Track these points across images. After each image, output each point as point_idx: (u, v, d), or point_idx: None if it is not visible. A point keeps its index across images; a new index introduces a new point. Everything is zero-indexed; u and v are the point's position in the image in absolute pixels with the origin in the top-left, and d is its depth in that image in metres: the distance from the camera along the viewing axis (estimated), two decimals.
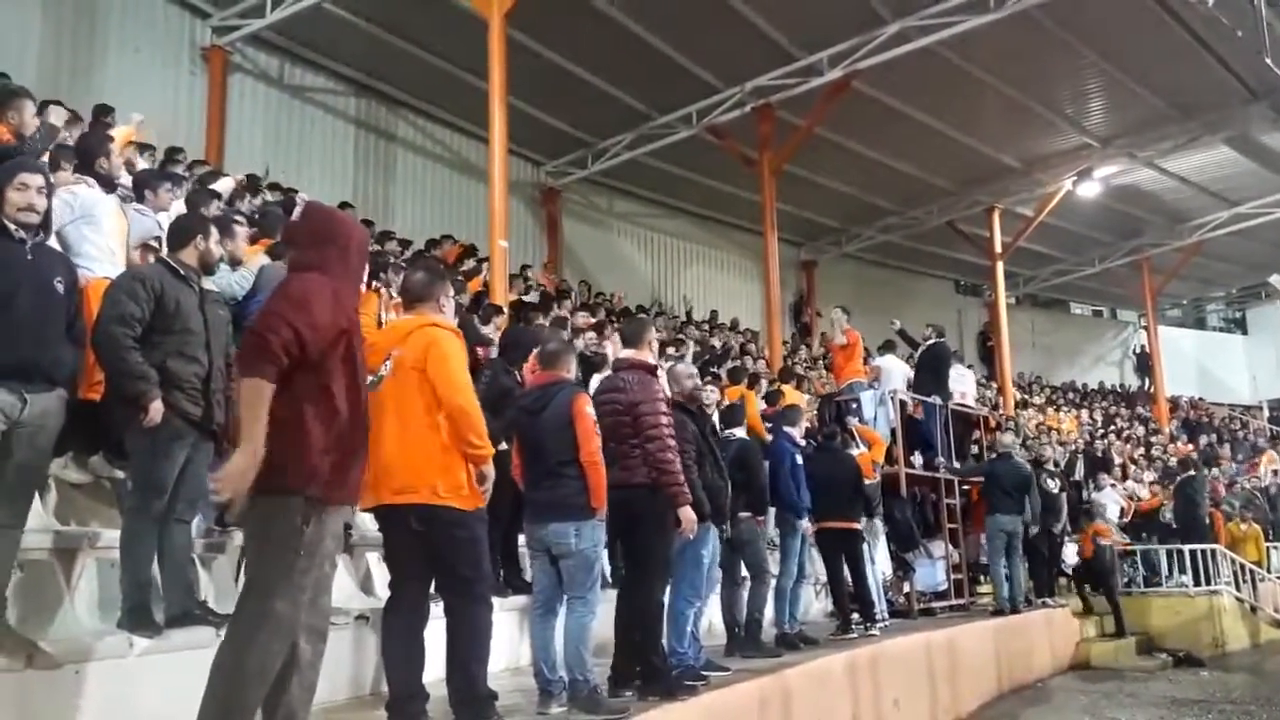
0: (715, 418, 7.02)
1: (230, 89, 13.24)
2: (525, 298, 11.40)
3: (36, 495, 4.09)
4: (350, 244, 3.12)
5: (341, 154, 14.88)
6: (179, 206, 6.09)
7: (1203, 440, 21.91)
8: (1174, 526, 13.13)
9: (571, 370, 4.73)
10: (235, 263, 5.19)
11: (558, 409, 4.45)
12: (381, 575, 5.77)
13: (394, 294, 6.48)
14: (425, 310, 3.95)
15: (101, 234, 4.74)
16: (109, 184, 4.98)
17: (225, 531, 4.93)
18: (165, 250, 4.29)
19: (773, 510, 7.28)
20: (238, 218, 5.59)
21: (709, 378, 9.00)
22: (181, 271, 4.08)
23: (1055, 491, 11.01)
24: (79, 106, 8.68)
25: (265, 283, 5.12)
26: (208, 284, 4.25)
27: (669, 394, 5.41)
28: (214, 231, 4.22)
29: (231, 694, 2.73)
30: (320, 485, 2.84)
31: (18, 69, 9.72)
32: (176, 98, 12.65)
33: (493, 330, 7.73)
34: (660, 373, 5.31)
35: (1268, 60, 12.91)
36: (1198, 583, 11.94)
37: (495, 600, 5.14)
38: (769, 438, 7.87)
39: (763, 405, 9.17)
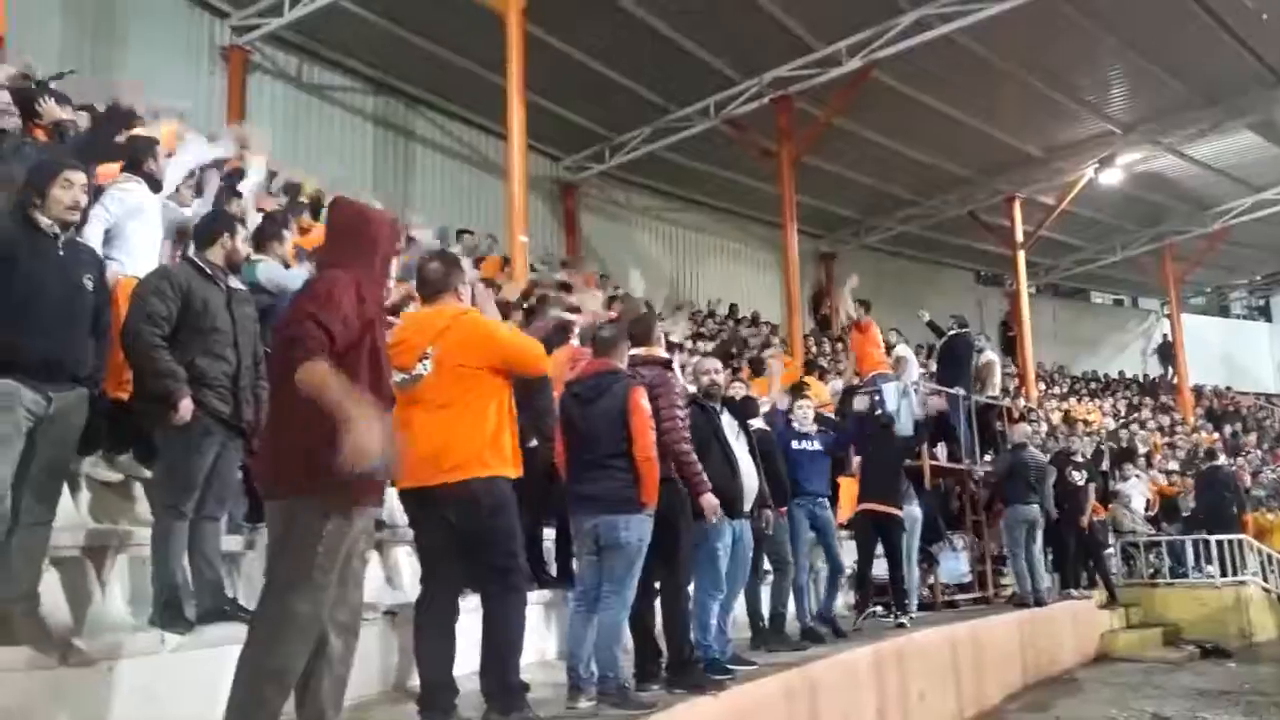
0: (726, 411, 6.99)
1: (250, 88, 13.34)
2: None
3: (68, 493, 4.15)
4: (378, 238, 3.12)
5: (360, 151, 14.96)
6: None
7: (1228, 429, 21.70)
8: (1199, 517, 13.00)
9: (625, 359, 4.70)
10: (286, 266, 5.27)
11: (614, 400, 4.42)
12: (410, 570, 5.81)
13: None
14: (447, 300, 3.95)
15: (146, 234, 4.79)
16: (156, 185, 5.02)
17: (254, 529, 4.97)
18: (192, 249, 4.32)
19: None
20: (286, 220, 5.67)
21: (729, 369, 8.97)
22: (208, 270, 4.10)
23: (1081, 483, 10.92)
24: (98, 107, 8.73)
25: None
26: (234, 282, 4.27)
27: (688, 390, 5.44)
28: (240, 230, 4.24)
29: (253, 695, 2.74)
30: (346, 489, 2.81)
31: (40, 72, 9.78)
32: (196, 97, 12.68)
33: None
34: (676, 367, 5.31)
35: None
36: (1224, 573, 11.83)
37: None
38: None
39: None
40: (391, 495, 4.42)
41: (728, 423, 5.74)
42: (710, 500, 4.81)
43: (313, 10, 12.51)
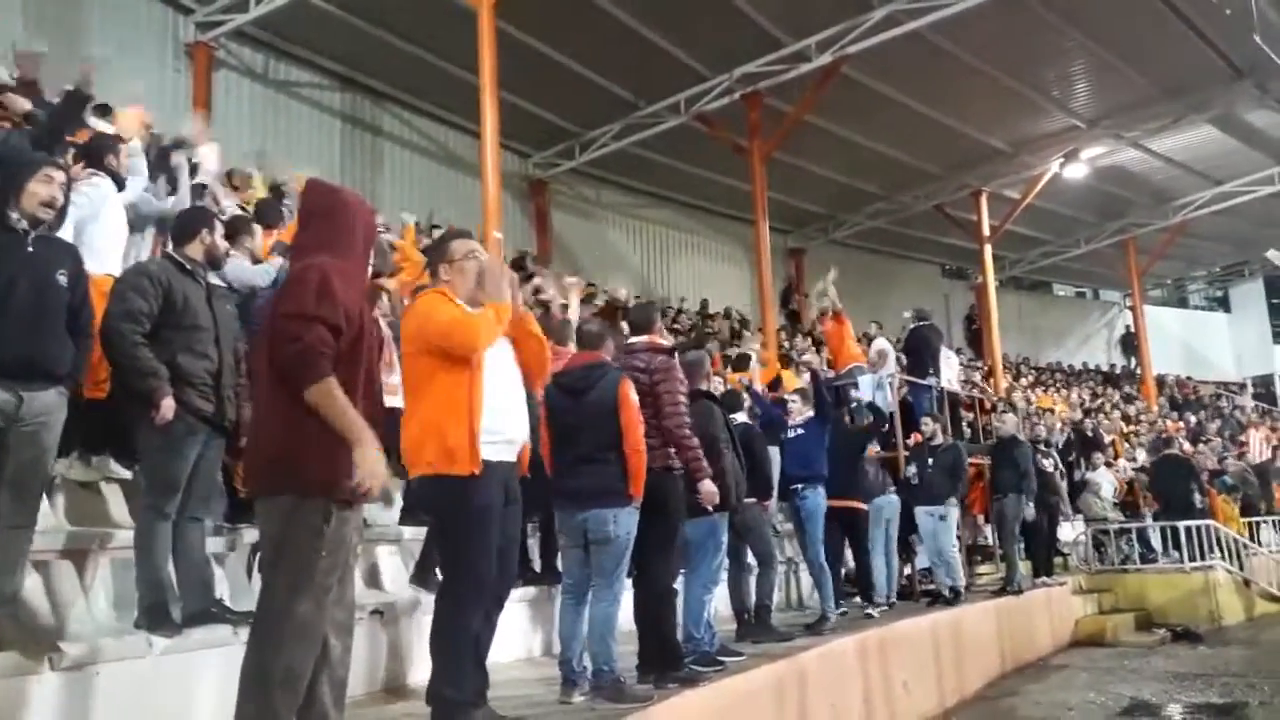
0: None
1: (215, 85, 13.12)
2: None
3: (44, 495, 4.06)
4: (356, 221, 3.02)
5: (328, 148, 14.78)
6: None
7: (1191, 418, 22.08)
8: (1158, 503, 13.17)
9: (612, 352, 4.68)
10: (256, 261, 5.19)
11: (603, 393, 4.40)
12: (392, 570, 5.76)
13: None
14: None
15: (109, 231, 4.69)
16: (119, 182, 4.93)
17: (236, 529, 4.90)
18: (170, 245, 4.24)
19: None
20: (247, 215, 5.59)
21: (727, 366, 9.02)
22: (188, 266, 4.03)
23: (1051, 471, 11.07)
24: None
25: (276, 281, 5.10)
26: (214, 279, 4.20)
27: (698, 383, 5.46)
28: (220, 226, 4.16)
29: (261, 701, 2.67)
30: (343, 486, 2.76)
31: (2, 68, 9.58)
32: (161, 94, 12.48)
33: None
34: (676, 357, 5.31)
35: (1257, 38, 12.96)
36: (1192, 558, 12.03)
37: None
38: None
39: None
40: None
41: None
42: (709, 487, 4.82)
43: (279, 6, 12.34)
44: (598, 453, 4.36)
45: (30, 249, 3.52)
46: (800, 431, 7.43)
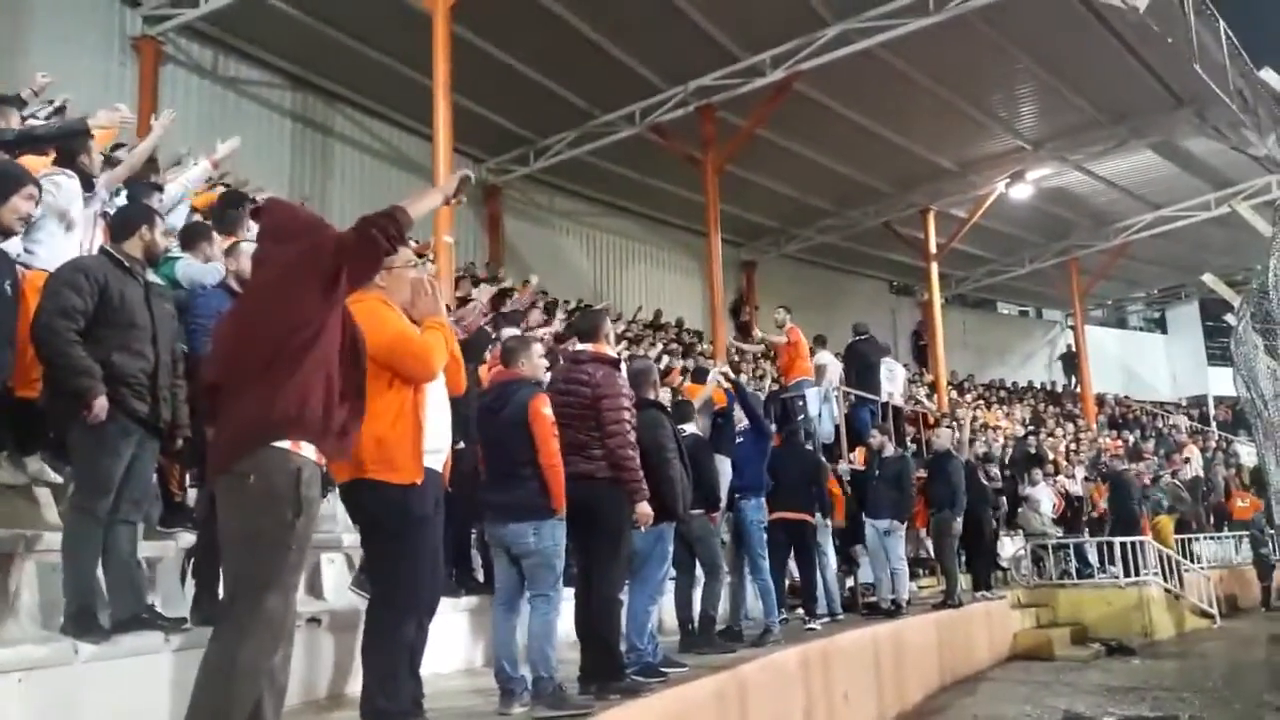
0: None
1: (162, 80, 12.89)
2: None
3: None
4: (310, 235, 3.01)
5: (278, 148, 14.58)
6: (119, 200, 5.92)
7: (1129, 436, 22.59)
8: (1109, 519, 13.46)
9: (533, 368, 4.66)
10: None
11: (515, 409, 4.40)
12: (330, 576, 5.66)
13: None
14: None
15: (72, 229, 4.58)
16: (88, 182, 4.81)
17: (171, 533, 4.78)
18: (109, 241, 4.13)
19: None
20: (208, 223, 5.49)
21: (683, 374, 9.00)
22: (126, 263, 3.93)
23: (989, 486, 11.25)
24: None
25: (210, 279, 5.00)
26: (153, 276, 4.10)
27: (646, 393, 5.43)
28: (159, 222, 4.07)
29: (223, 695, 2.62)
30: (311, 433, 2.77)
31: None
32: (106, 88, 12.19)
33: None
34: (624, 369, 5.30)
35: (1196, 67, 13.34)
36: (1128, 574, 12.29)
37: (449, 600, 5.10)
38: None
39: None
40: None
41: None
42: (645, 509, 4.79)
43: (229, 1, 12.16)
44: (516, 468, 4.37)
45: None
46: (738, 440, 7.44)
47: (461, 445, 4.82)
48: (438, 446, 3.70)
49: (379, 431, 3.43)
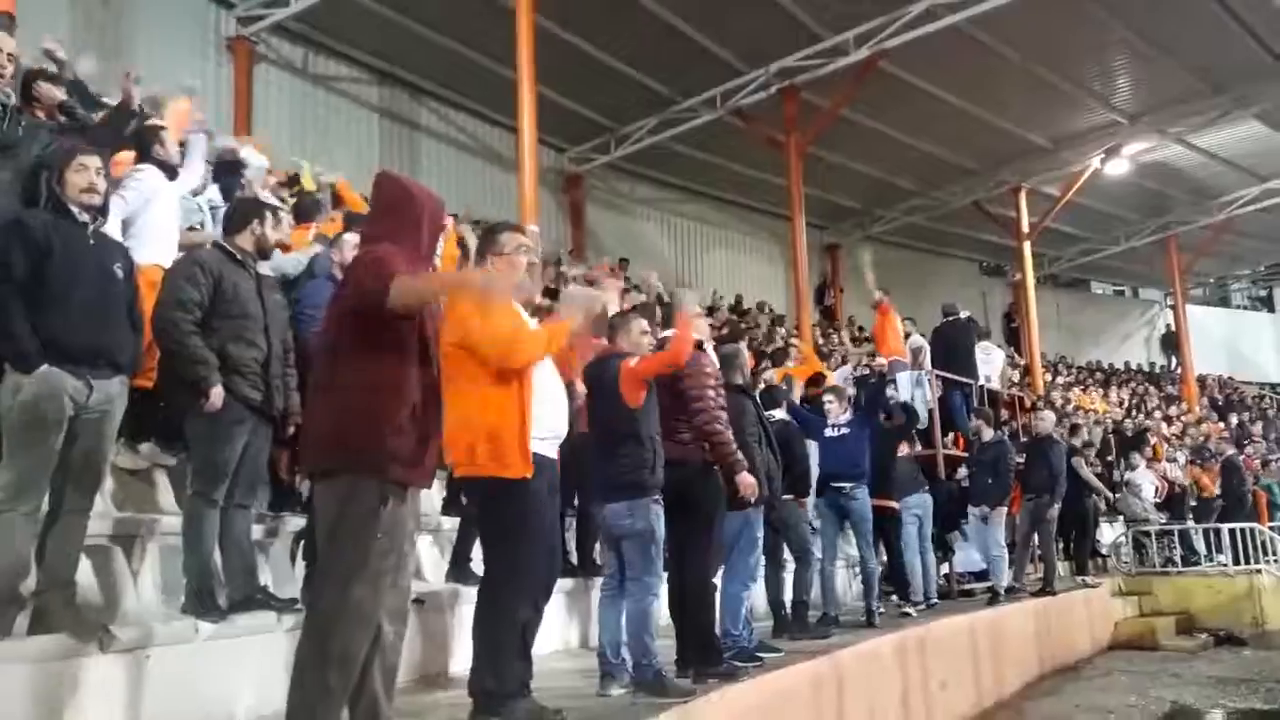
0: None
1: (255, 79, 13.28)
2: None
3: None
4: (422, 214, 3.07)
5: (366, 142, 14.89)
6: (213, 192, 6.12)
7: (1234, 419, 21.68)
8: (1223, 505, 12.96)
9: (633, 343, 4.62)
10: (285, 250, 5.22)
11: (609, 378, 4.39)
12: (432, 559, 5.80)
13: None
14: None
15: (161, 221, 4.75)
16: (169, 170, 4.99)
17: (279, 517, 4.95)
18: (221, 234, 4.28)
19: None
20: (282, 208, 5.61)
21: (765, 361, 8.97)
22: (238, 256, 4.07)
23: (1095, 471, 10.93)
24: (107, 99, 8.68)
25: (319, 269, 5.14)
26: (264, 269, 4.23)
27: (732, 378, 5.42)
28: (270, 217, 4.20)
29: (317, 685, 2.69)
30: (400, 466, 2.80)
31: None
32: (204, 88, 12.59)
33: None
34: (710, 353, 5.28)
35: None
36: (1237, 561, 11.82)
37: None
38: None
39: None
40: None
41: None
42: (747, 479, 4.78)
43: (318, 0, 12.44)
44: (614, 443, 4.34)
45: (92, 242, 3.58)
46: (845, 431, 7.34)
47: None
48: (552, 432, 3.72)
49: (490, 424, 3.47)
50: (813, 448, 7.34)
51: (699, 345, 4.98)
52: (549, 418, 3.71)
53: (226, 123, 12.50)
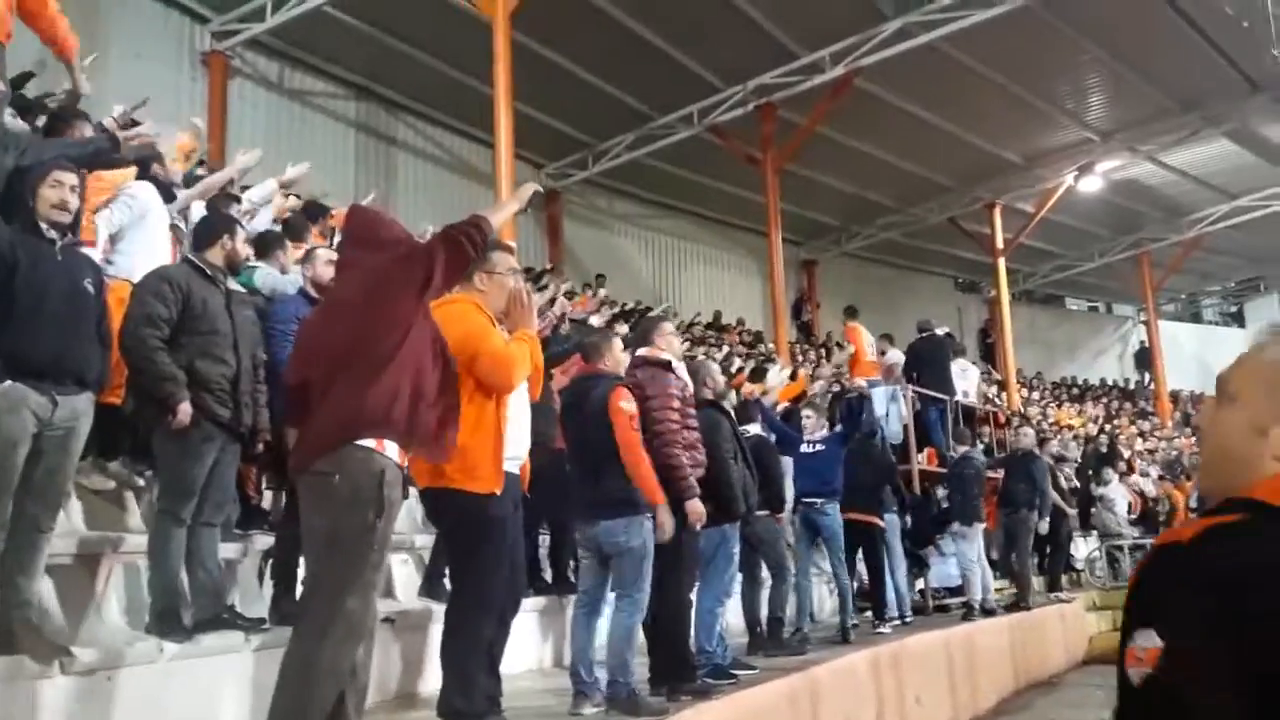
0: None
1: (231, 93, 13.19)
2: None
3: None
4: (399, 240, 3.11)
5: (343, 158, 14.83)
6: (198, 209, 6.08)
7: None
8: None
9: (615, 362, 4.64)
10: (284, 272, 5.23)
11: (596, 404, 4.40)
12: (402, 577, 5.74)
13: None
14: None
15: (151, 239, 4.72)
16: (166, 190, 4.96)
17: (248, 535, 4.89)
18: (190, 250, 4.24)
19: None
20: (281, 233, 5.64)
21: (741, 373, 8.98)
22: (208, 271, 4.03)
23: (1068, 487, 11.01)
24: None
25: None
26: (234, 284, 4.20)
27: (701, 393, 5.41)
28: (240, 231, 4.17)
29: (304, 693, 2.68)
30: (395, 424, 2.81)
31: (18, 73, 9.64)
32: (178, 102, 12.55)
33: None
34: (681, 369, 5.28)
35: (1275, 52, 12.90)
36: None
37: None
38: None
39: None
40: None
41: None
42: (696, 506, 4.71)
43: (295, 16, 12.41)
44: (602, 463, 4.35)
45: (59, 257, 3.54)
46: (820, 448, 7.36)
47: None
48: (516, 453, 3.73)
49: (461, 439, 3.46)
50: (787, 464, 7.36)
51: (664, 365, 4.99)
52: (516, 439, 3.71)
53: (201, 138, 12.42)
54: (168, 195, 4.98)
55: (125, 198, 4.73)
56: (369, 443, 2.78)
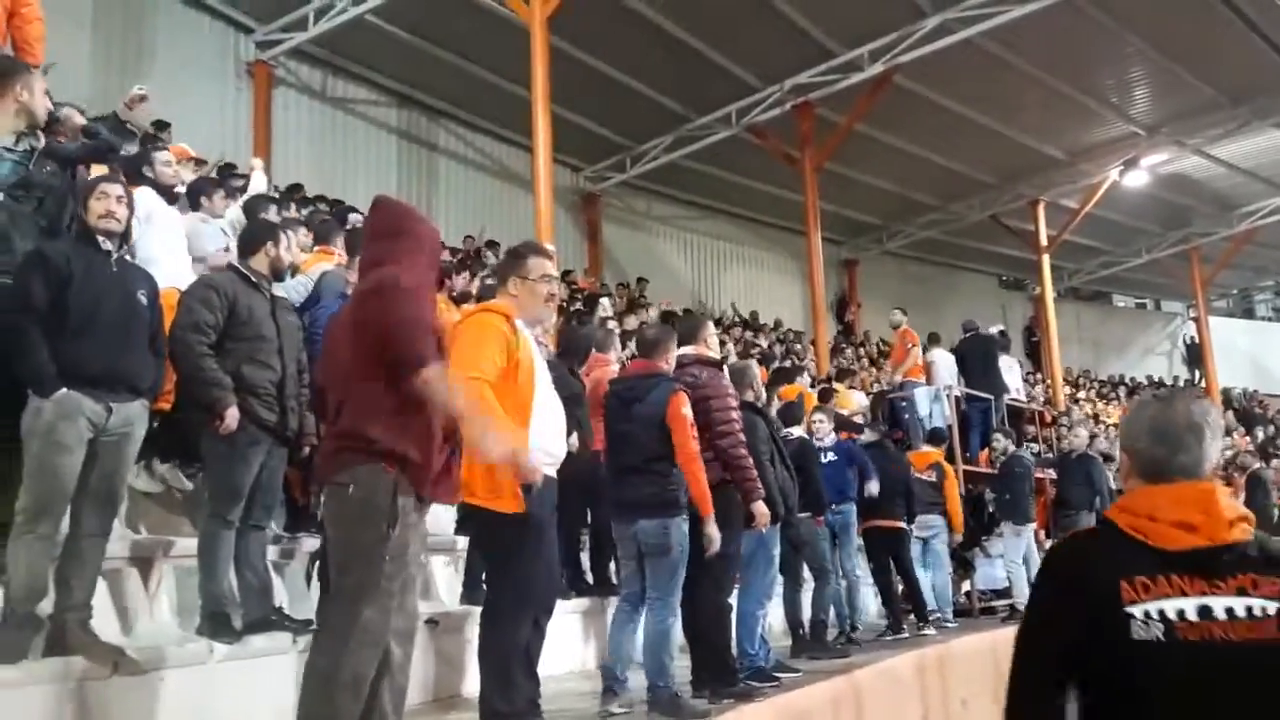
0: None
1: (275, 102, 13.43)
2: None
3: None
4: (424, 239, 3.07)
5: (385, 164, 15.02)
6: (235, 213, 6.18)
7: (1260, 432, 21.40)
8: None
9: (671, 361, 4.63)
10: (294, 271, 5.24)
11: (654, 405, 4.36)
12: (444, 579, 5.79)
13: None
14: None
15: (160, 241, 4.79)
16: (164, 191, 5.04)
17: (295, 538, 4.97)
18: (235, 257, 4.32)
19: None
20: (299, 226, 5.66)
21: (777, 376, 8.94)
22: (253, 278, 4.10)
23: (1115, 488, 10.81)
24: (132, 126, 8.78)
25: (326, 289, 5.17)
26: (278, 290, 4.27)
27: (744, 395, 5.39)
28: (284, 238, 4.23)
29: (325, 705, 2.70)
30: (410, 457, 2.81)
31: (71, 86, 9.84)
32: (223, 112, 12.83)
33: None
34: (725, 370, 5.28)
35: None
36: None
37: (560, 602, 5.15)
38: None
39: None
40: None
41: None
42: (762, 508, 4.75)
43: (337, 25, 12.59)
44: (648, 463, 4.32)
45: (114, 269, 3.62)
46: (833, 457, 7.32)
47: (573, 444, 4.84)
48: (554, 454, 3.71)
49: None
50: None
51: (717, 365, 4.98)
52: (553, 442, 3.68)
53: (246, 146, 12.65)
54: (168, 197, 5.05)
55: None
56: None
